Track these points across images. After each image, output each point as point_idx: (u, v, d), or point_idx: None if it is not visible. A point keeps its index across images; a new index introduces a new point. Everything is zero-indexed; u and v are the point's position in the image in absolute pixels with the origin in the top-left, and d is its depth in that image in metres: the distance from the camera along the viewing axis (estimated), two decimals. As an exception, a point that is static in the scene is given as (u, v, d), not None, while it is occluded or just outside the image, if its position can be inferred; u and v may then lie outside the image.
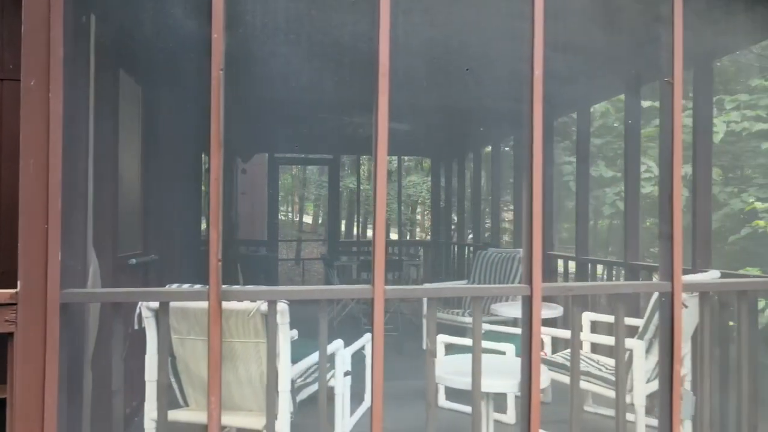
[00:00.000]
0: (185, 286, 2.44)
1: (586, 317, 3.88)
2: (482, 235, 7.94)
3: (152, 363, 2.51)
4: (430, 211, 11.93)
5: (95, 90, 2.54)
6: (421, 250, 10.23)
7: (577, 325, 2.36)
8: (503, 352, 3.52)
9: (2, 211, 2.72)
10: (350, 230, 17.34)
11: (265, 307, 2.34)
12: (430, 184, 10.06)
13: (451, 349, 3.81)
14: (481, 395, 2.26)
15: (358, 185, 12.19)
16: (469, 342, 2.27)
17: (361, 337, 3.38)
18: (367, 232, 13.74)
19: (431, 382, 2.21)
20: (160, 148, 4.20)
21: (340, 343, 3.08)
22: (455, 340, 3.76)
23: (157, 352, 2.11)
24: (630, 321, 3.46)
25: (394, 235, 14.39)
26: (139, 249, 3.87)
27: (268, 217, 9.88)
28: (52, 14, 1.82)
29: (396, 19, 2.05)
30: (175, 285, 2.51)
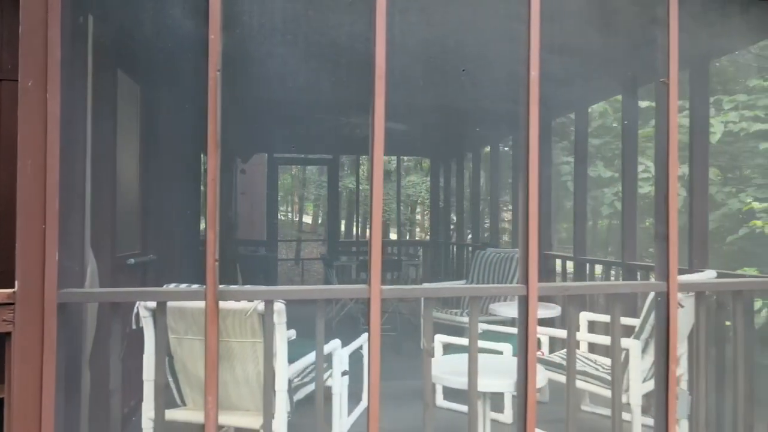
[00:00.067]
0: (183, 285, 2.45)
1: (584, 317, 3.89)
2: (481, 235, 7.95)
3: (150, 363, 2.52)
4: (429, 211, 11.93)
5: (93, 90, 2.54)
6: (421, 250, 10.23)
7: (573, 324, 2.37)
8: (501, 352, 3.52)
9: (0, 212, 2.73)
10: (350, 230, 17.32)
11: (262, 306, 2.35)
12: (429, 185, 10.05)
13: (449, 349, 3.82)
14: (478, 395, 2.27)
15: (357, 185, 12.16)
16: (467, 342, 2.28)
17: (359, 337, 3.40)
18: (367, 233, 13.69)
19: (428, 382, 2.22)
20: (158, 148, 4.20)
21: (338, 343, 3.10)
22: (453, 339, 3.78)
23: (155, 352, 2.11)
24: (627, 321, 3.48)
25: (393, 235, 14.39)
26: (138, 249, 3.88)
27: (267, 217, 9.88)
28: (49, 15, 1.82)
29: (393, 19, 2.06)
30: (172, 285, 2.51)
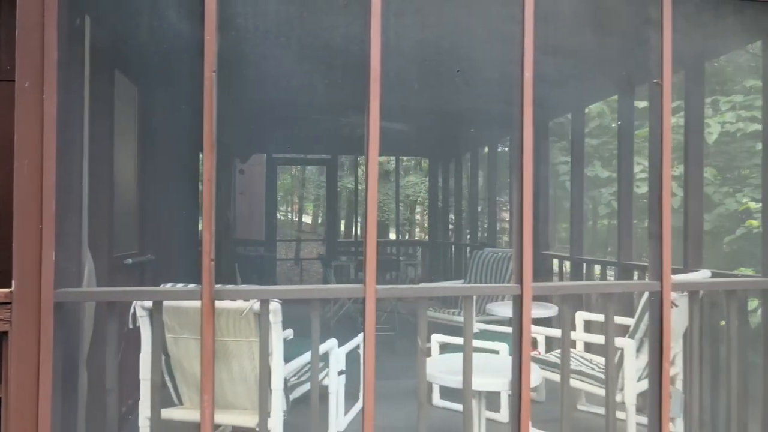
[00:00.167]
0: (179, 285, 2.46)
1: (580, 317, 3.90)
2: (480, 235, 7.96)
3: (146, 362, 2.53)
4: (428, 211, 11.94)
5: (90, 91, 2.55)
6: (419, 250, 10.24)
7: (568, 324, 2.39)
8: (497, 352, 3.54)
9: (-2, 212, 2.74)
10: (349, 230, 17.33)
11: (257, 306, 2.36)
12: (428, 185, 10.06)
13: (446, 349, 3.83)
14: (473, 393, 2.29)
15: (356, 185, 12.16)
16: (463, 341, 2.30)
17: (356, 337, 3.41)
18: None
19: (422, 381, 2.23)
20: (156, 148, 4.21)
21: (334, 342, 3.11)
22: (449, 339, 3.79)
23: (151, 351, 2.13)
24: (624, 320, 3.49)
25: (392, 235, 14.40)
26: (136, 249, 3.89)
27: (266, 217, 9.88)
28: (46, 17, 1.84)
29: (388, 21, 2.07)
30: (169, 284, 2.53)
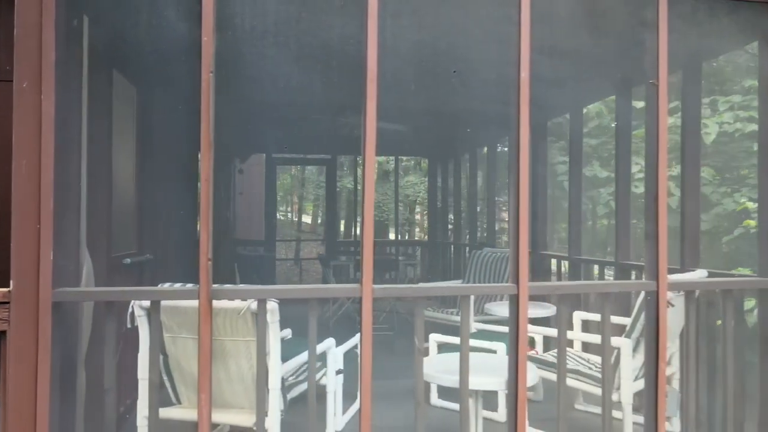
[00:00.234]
0: (177, 285, 2.47)
1: (578, 316, 3.91)
2: (479, 235, 7.97)
3: (144, 361, 2.54)
4: (427, 211, 11.94)
5: (89, 91, 2.56)
6: (419, 250, 10.24)
7: (564, 323, 2.40)
8: (494, 351, 3.55)
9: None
10: (349, 230, 17.34)
11: (255, 305, 2.37)
12: (428, 185, 10.07)
13: (444, 348, 3.84)
14: (470, 393, 2.30)
15: (355, 185, 12.14)
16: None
17: (354, 336, 3.41)
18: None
19: (420, 381, 2.24)
20: (155, 148, 4.22)
21: (332, 342, 3.12)
22: (447, 339, 3.80)
23: (149, 351, 2.13)
24: (621, 320, 3.50)
25: (391, 235, 14.41)
26: (134, 249, 3.90)
27: (265, 217, 9.89)
28: (44, 18, 1.84)
29: (385, 23, 2.09)
30: (167, 284, 2.54)
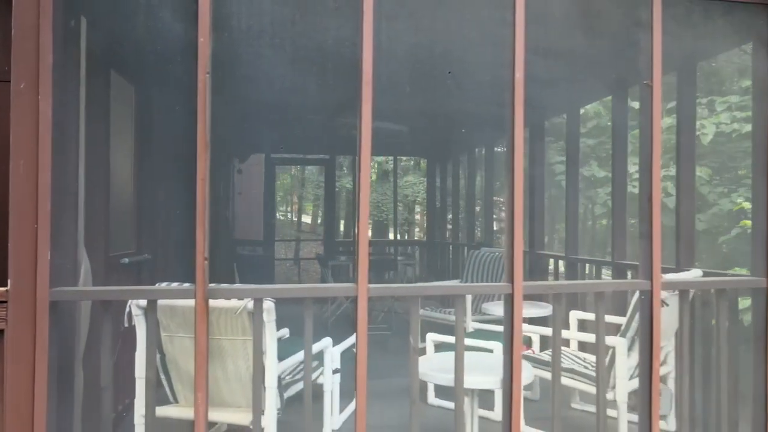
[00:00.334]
0: (174, 284, 2.48)
1: (574, 315, 3.93)
2: (478, 235, 7.98)
3: (141, 360, 2.55)
4: (426, 211, 11.95)
5: (86, 91, 2.57)
6: (417, 250, 10.26)
7: (559, 322, 2.41)
8: (491, 350, 3.56)
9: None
10: (348, 230, 17.34)
11: (251, 305, 2.38)
12: (426, 185, 10.08)
13: (442, 348, 3.85)
14: (466, 392, 2.31)
15: (355, 185, 12.12)
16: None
17: (352, 336, 3.43)
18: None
19: (415, 380, 2.26)
20: (153, 148, 4.23)
21: (329, 341, 3.13)
22: (444, 338, 3.81)
23: (147, 350, 2.15)
24: (617, 319, 3.52)
25: (390, 235, 14.41)
26: (132, 248, 3.91)
27: (264, 217, 9.90)
28: (41, 20, 1.86)
29: (380, 25, 2.10)
30: (164, 283, 2.55)
